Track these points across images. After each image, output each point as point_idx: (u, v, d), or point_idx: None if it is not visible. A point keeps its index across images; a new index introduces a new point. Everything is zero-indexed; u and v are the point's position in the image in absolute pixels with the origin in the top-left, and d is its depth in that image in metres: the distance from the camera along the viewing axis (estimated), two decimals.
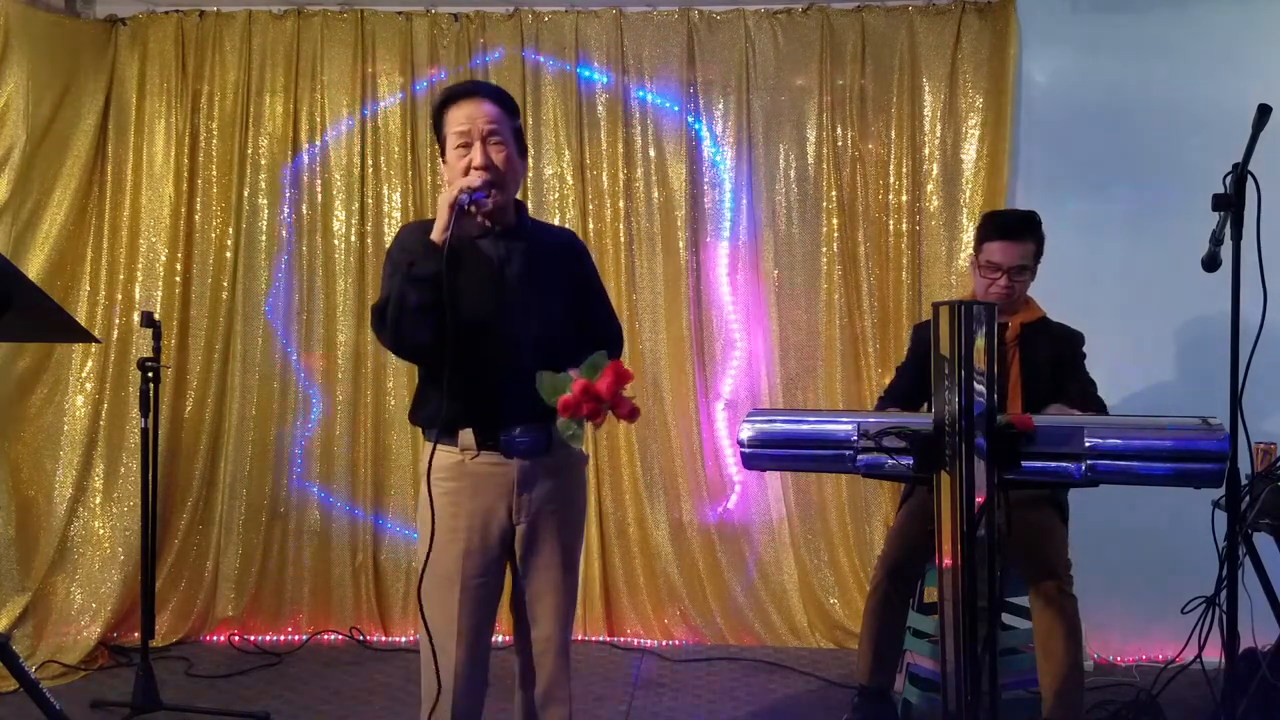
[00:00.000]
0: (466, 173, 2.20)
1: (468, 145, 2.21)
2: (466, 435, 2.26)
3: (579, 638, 4.17)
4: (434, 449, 2.22)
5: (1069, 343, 3.20)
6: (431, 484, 2.20)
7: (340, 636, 4.21)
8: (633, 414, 2.08)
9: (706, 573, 4.24)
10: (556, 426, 2.09)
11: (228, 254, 4.29)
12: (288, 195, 4.30)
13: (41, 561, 3.98)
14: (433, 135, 2.36)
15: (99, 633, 3.95)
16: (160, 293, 4.23)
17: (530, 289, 2.28)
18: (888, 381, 3.92)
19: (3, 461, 3.97)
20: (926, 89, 4.14)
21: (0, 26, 3.79)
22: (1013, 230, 3.13)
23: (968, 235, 4.07)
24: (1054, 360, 3.14)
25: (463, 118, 2.22)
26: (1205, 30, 3.95)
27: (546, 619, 2.34)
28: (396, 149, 4.28)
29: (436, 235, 2.12)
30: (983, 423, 2.22)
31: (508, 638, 2.43)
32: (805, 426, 2.60)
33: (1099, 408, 3.07)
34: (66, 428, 4.14)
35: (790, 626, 4.18)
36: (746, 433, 2.59)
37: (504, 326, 2.23)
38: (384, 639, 4.22)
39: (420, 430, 2.37)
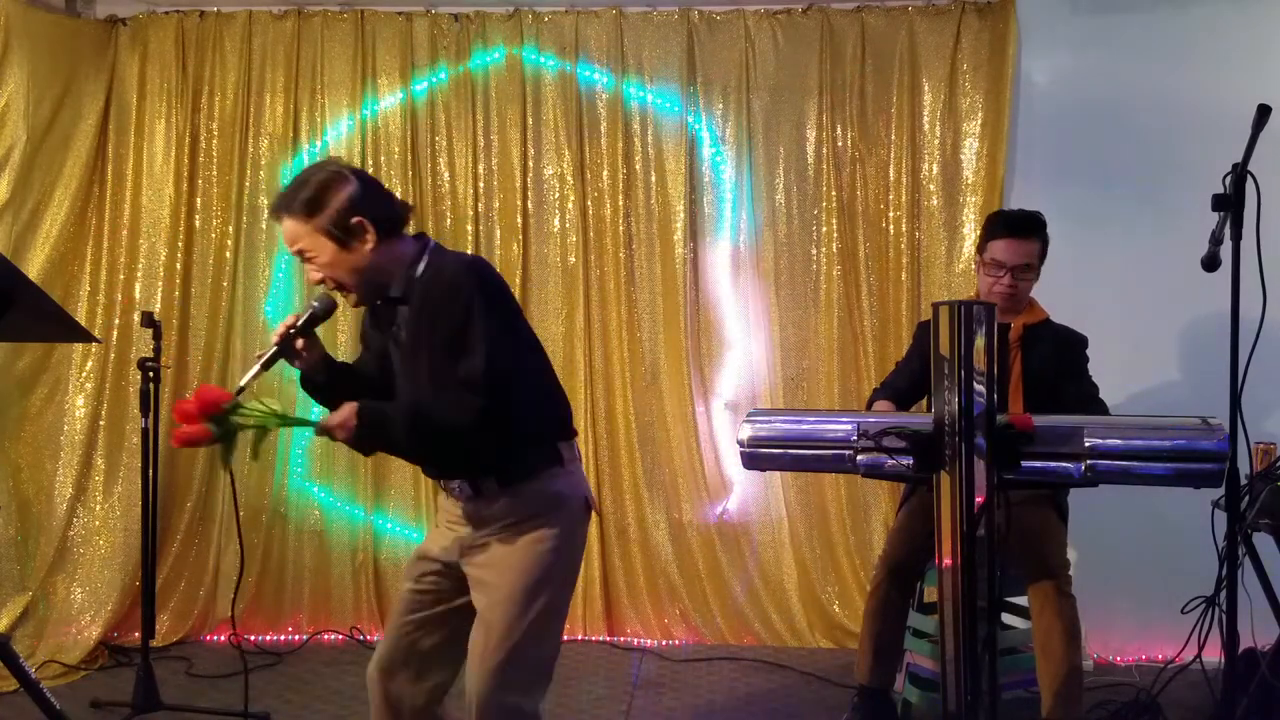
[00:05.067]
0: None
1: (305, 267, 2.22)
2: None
3: (579, 638, 4.17)
4: None
5: (1072, 346, 3.20)
6: None
7: (340, 636, 4.20)
8: (174, 438, 2.06)
9: (706, 573, 4.24)
10: None
11: (228, 254, 4.28)
12: None
13: (41, 561, 3.98)
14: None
15: (99, 633, 3.94)
16: (160, 293, 4.23)
17: (405, 359, 2.23)
18: None
19: (3, 461, 3.97)
20: (926, 89, 4.14)
21: (0, 26, 3.79)
22: (1017, 228, 3.13)
23: (968, 235, 4.08)
24: (1056, 363, 3.14)
25: (287, 244, 2.21)
26: (1205, 30, 3.94)
27: (470, 678, 2.19)
28: (396, 149, 4.28)
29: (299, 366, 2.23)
30: (983, 423, 2.22)
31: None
32: (805, 426, 2.60)
33: (1101, 412, 3.07)
34: (66, 428, 4.13)
35: (790, 626, 4.18)
36: (746, 433, 2.59)
37: (401, 389, 2.25)
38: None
39: None
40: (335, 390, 2.23)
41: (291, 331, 2.16)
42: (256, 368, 2.14)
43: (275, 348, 2.15)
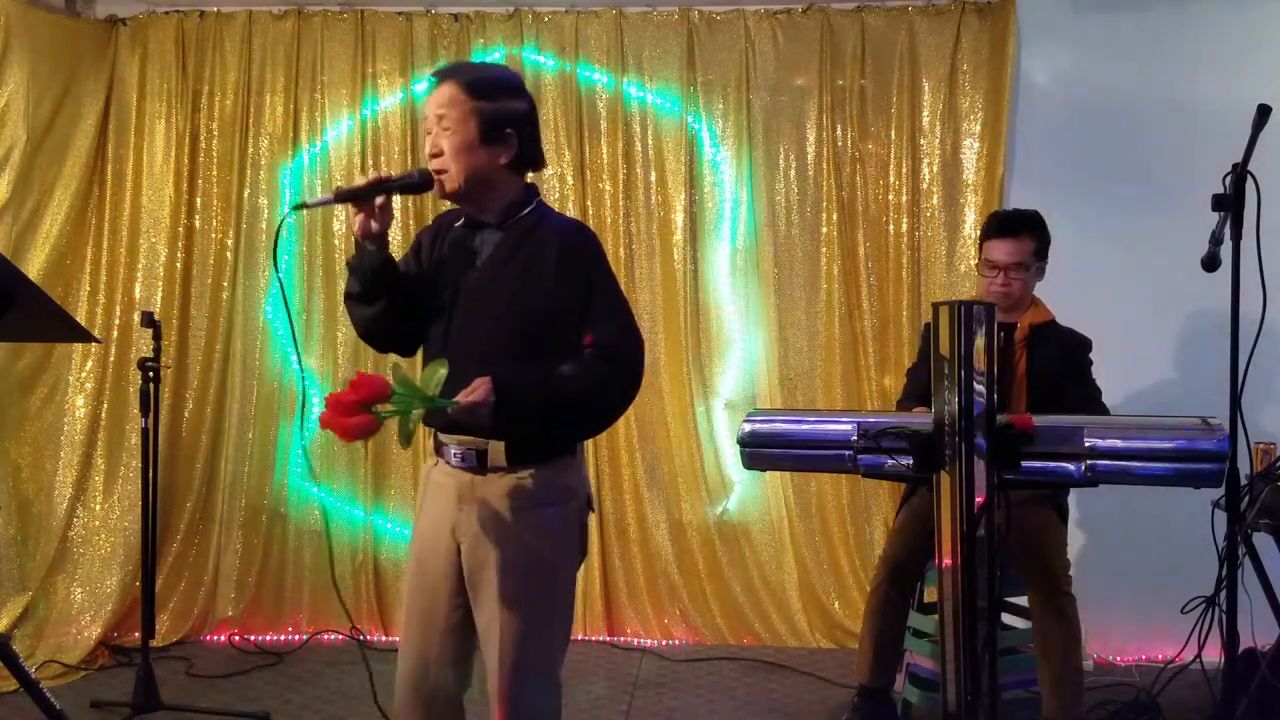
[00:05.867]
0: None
1: (430, 134, 2.08)
2: (432, 441, 2.20)
3: (578, 638, 4.17)
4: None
5: (1076, 348, 3.20)
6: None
7: (340, 636, 4.20)
8: (345, 433, 1.81)
9: (706, 573, 4.24)
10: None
11: (228, 254, 4.28)
12: (288, 195, 4.30)
13: (41, 561, 3.98)
14: None
15: (99, 633, 3.94)
16: (160, 293, 4.23)
17: (487, 287, 2.08)
18: (887, 382, 3.92)
19: (3, 461, 3.97)
20: (926, 89, 4.14)
21: (0, 26, 3.79)
22: (1009, 227, 3.16)
23: (968, 235, 4.08)
24: (1061, 364, 3.14)
25: (427, 105, 2.12)
26: (1205, 30, 3.94)
27: (491, 674, 2.09)
28: (396, 149, 4.28)
29: (357, 230, 2.06)
30: (983, 423, 2.22)
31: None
32: (805, 426, 2.60)
33: (1102, 415, 3.07)
34: (66, 428, 4.13)
35: (790, 626, 4.18)
36: (746, 433, 2.60)
37: (454, 325, 2.10)
38: (384, 639, 4.22)
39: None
40: (375, 278, 2.08)
41: (382, 183, 2.03)
42: (330, 196, 2.05)
43: (358, 187, 2.02)
